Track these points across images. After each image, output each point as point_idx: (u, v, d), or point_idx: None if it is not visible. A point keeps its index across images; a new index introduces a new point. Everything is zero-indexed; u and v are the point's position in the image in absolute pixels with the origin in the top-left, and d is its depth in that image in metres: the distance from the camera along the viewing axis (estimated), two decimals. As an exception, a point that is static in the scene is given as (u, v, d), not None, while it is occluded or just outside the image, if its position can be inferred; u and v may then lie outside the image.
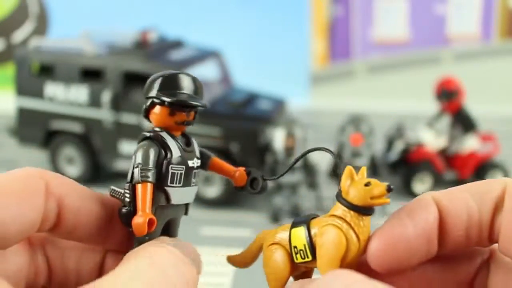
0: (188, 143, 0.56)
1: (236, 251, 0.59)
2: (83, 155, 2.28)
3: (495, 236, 0.48)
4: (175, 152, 0.54)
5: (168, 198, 0.54)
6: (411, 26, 3.76)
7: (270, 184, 0.57)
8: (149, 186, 0.52)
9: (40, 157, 2.48)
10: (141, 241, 0.52)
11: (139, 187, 0.52)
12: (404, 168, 2.30)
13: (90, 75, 2.24)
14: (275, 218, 1.97)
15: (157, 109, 0.55)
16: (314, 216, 0.53)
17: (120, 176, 2.31)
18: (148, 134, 0.55)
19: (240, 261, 0.59)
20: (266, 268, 0.54)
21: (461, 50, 3.73)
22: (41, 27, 3.48)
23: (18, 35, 3.49)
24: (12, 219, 0.46)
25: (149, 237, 0.52)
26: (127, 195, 0.53)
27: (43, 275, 0.54)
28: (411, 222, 0.48)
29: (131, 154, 0.57)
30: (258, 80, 2.89)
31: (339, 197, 0.51)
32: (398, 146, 2.35)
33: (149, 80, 0.55)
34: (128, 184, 0.53)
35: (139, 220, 0.50)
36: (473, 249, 0.51)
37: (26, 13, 3.48)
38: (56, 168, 2.33)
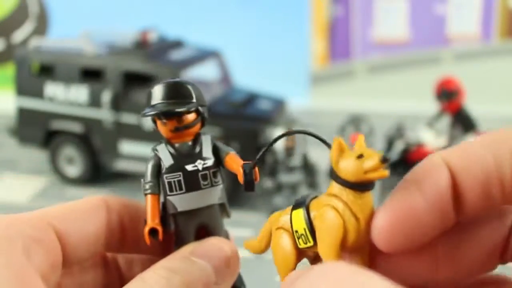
0: (194, 146, 0.56)
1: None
2: (83, 155, 2.28)
3: None
4: (167, 161, 0.55)
5: (174, 206, 0.55)
6: (411, 26, 3.76)
7: (269, 184, 0.57)
8: (152, 198, 0.55)
9: (40, 157, 2.48)
10: (176, 249, 0.54)
11: (146, 200, 0.55)
12: (404, 168, 2.30)
13: (90, 75, 2.24)
14: (275, 218, 1.97)
15: (157, 122, 0.57)
16: (315, 196, 0.49)
17: (120, 176, 2.31)
18: (152, 149, 0.58)
19: (255, 247, 0.56)
20: (273, 254, 0.51)
21: (461, 50, 3.73)
22: (41, 27, 3.48)
23: (18, 35, 3.49)
24: (75, 230, 0.49)
25: (177, 246, 0.54)
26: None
27: (116, 285, 0.57)
28: (419, 193, 0.42)
29: (131, 154, 0.60)
30: (258, 80, 2.88)
31: (332, 174, 0.45)
32: (398, 146, 2.35)
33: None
34: None
35: (144, 230, 0.53)
36: (502, 207, 0.45)
37: (26, 13, 3.48)
38: (56, 168, 2.33)
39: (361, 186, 0.43)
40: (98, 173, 2.32)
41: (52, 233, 0.47)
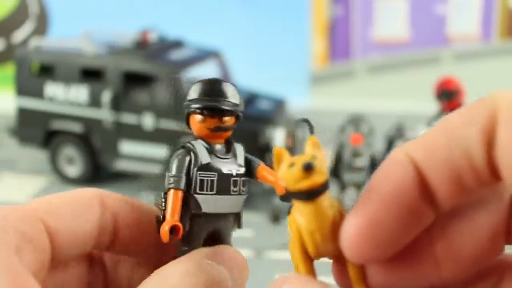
0: (228, 150, 0.55)
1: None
2: (83, 155, 2.28)
3: (499, 168, 0.36)
4: (204, 158, 0.53)
5: (198, 206, 0.53)
6: (411, 26, 3.76)
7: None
8: (176, 193, 0.52)
9: (40, 157, 2.48)
10: (182, 252, 0.51)
11: (168, 194, 0.52)
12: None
13: (90, 75, 2.24)
14: (275, 218, 1.97)
15: (192, 117, 0.54)
16: None
17: (120, 176, 2.31)
18: (182, 144, 0.55)
19: None
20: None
21: (461, 50, 3.74)
22: (41, 27, 3.48)
23: (18, 35, 3.49)
24: (66, 228, 0.47)
25: (188, 247, 0.52)
26: (163, 204, 0.52)
27: (100, 284, 0.54)
28: (379, 196, 0.38)
29: (131, 154, 0.58)
30: (258, 80, 2.89)
31: None
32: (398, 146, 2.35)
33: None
34: (163, 193, 0.53)
35: (163, 227, 0.50)
36: (495, 187, 0.39)
37: (26, 13, 3.48)
38: (56, 168, 2.33)
39: (301, 195, 0.39)
40: (98, 173, 2.32)
41: (43, 231, 0.45)
